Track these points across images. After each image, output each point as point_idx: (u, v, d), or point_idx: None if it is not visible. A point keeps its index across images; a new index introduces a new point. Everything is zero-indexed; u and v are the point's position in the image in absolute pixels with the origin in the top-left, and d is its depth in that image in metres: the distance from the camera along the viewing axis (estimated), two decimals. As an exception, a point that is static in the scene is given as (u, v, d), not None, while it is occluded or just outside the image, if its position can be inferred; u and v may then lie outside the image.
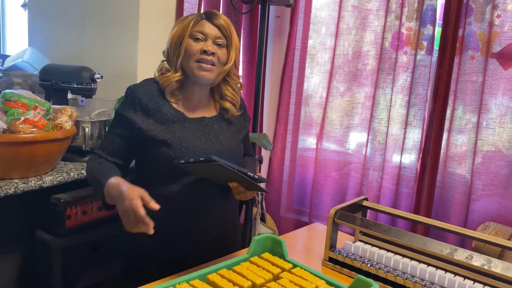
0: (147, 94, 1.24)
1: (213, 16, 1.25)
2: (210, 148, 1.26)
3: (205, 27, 1.23)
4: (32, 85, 1.96)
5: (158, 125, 1.22)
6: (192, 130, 1.25)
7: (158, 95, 1.25)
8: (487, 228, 1.79)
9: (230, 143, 1.31)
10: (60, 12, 2.28)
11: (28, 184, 1.38)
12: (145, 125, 1.21)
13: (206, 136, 1.27)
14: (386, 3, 2.13)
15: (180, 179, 1.22)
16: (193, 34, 1.23)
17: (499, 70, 1.91)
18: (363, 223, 1.24)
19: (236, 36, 1.28)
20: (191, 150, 1.22)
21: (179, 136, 1.22)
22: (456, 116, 2.00)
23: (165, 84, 1.25)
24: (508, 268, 1.01)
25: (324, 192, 2.38)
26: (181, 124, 1.24)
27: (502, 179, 1.93)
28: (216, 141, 1.28)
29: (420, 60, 2.07)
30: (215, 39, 1.23)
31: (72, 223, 1.50)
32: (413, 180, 2.13)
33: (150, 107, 1.23)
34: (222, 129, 1.31)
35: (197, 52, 1.21)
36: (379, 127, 2.20)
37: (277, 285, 1.01)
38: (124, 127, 1.23)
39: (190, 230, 1.26)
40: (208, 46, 1.21)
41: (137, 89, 1.25)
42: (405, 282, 1.13)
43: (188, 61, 1.22)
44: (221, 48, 1.24)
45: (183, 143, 1.22)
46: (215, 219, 1.30)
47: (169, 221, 1.23)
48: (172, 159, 1.19)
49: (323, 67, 2.37)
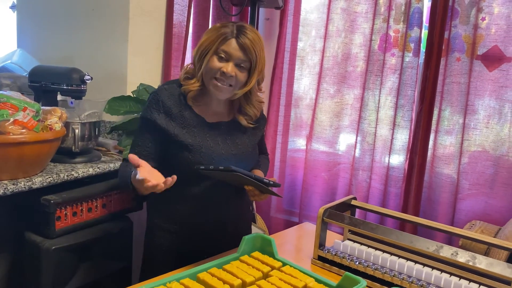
0: (170, 98, 1.29)
1: (242, 34, 1.24)
2: (228, 153, 1.33)
3: (231, 47, 1.24)
4: (21, 87, 1.95)
5: (180, 128, 1.28)
6: (211, 135, 1.32)
7: (180, 99, 1.30)
8: (474, 226, 1.82)
9: (247, 147, 1.38)
10: (49, 13, 2.27)
11: (17, 186, 1.38)
12: (169, 127, 1.28)
13: (224, 141, 1.33)
14: (374, 6, 2.16)
15: (199, 181, 1.30)
16: (218, 51, 1.24)
17: (484, 72, 1.95)
18: (351, 222, 1.26)
19: (263, 57, 1.28)
20: (210, 155, 1.29)
21: (199, 141, 1.29)
22: (442, 117, 2.03)
23: (186, 91, 1.30)
24: (492, 264, 1.04)
25: (314, 192, 2.40)
26: (201, 129, 1.31)
27: (488, 178, 1.97)
28: (233, 145, 1.35)
29: (408, 62, 2.10)
30: (238, 61, 1.25)
31: (62, 224, 1.50)
32: (401, 180, 2.16)
33: (173, 111, 1.28)
34: (239, 134, 1.37)
35: (217, 71, 1.24)
36: (368, 128, 2.22)
37: (267, 283, 1.03)
38: (152, 131, 1.29)
39: (208, 227, 1.36)
40: (228, 68, 1.23)
41: (161, 93, 1.30)
42: (393, 279, 1.15)
43: (207, 76, 1.27)
44: (243, 70, 1.26)
45: (203, 148, 1.29)
46: (232, 216, 1.40)
47: (188, 219, 1.34)
48: (191, 163, 1.26)
49: (313, 69, 2.39)
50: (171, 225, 1.34)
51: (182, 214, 1.34)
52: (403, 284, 1.13)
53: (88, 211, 1.58)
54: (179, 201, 1.33)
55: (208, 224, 1.35)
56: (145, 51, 2.13)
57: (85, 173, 1.60)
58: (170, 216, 1.35)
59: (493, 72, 1.93)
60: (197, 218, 1.34)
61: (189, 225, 1.34)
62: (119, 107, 1.83)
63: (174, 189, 1.26)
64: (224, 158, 1.31)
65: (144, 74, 2.13)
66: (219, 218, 1.37)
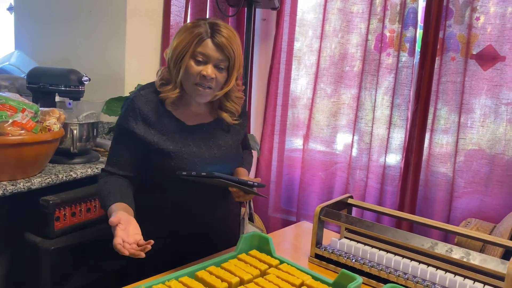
0: (148, 104, 1.24)
1: (217, 33, 1.19)
2: (211, 156, 1.28)
3: (208, 48, 1.19)
4: (19, 88, 1.96)
5: (160, 135, 1.23)
6: (193, 139, 1.27)
7: (158, 105, 1.25)
8: (469, 224, 1.84)
9: (230, 148, 1.34)
10: (47, 15, 2.28)
11: (16, 186, 1.39)
12: (147, 136, 1.23)
13: (206, 144, 1.29)
14: (370, 6, 2.17)
15: (183, 186, 1.25)
16: (195, 54, 1.19)
17: (478, 71, 1.97)
18: (347, 220, 1.27)
19: (239, 53, 1.24)
20: (192, 160, 1.25)
21: (181, 147, 1.24)
22: (438, 116, 2.05)
23: (164, 97, 1.25)
24: (486, 260, 1.05)
25: (311, 191, 2.42)
26: (182, 134, 1.26)
27: (483, 176, 1.99)
28: (216, 148, 1.30)
29: (403, 61, 2.12)
30: (217, 62, 1.20)
31: (61, 225, 1.51)
32: (397, 178, 2.17)
33: (151, 118, 1.23)
34: (222, 135, 1.33)
35: (197, 76, 1.19)
36: (365, 127, 2.24)
37: (264, 280, 1.04)
38: (129, 140, 1.24)
39: (194, 231, 1.32)
40: (208, 70, 1.19)
41: (137, 99, 1.24)
42: (389, 276, 1.17)
43: (187, 81, 1.22)
44: (221, 71, 1.22)
45: (185, 154, 1.24)
46: (218, 219, 1.36)
47: (174, 223, 1.30)
48: (173, 169, 1.21)
49: (310, 69, 2.41)
50: (158, 230, 1.25)
51: (168, 219, 1.30)
52: (399, 281, 1.15)
53: (87, 212, 1.59)
54: (164, 206, 1.29)
55: (194, 227, 1.32)
56: (142, 52, 2.15)
57: (84, 174, 1.61)
58: (157, 221, 1.29)
59: (488, 71, 1.95)
60: (183, 222, 1.30)
61: (176, 229, 1.31)
62: (117, 108, 1.84)
63: (158, 195, 1.29)
64: (207, 162, 1.27)
65: (141, 75, 2.14)
66: (205, 221, 1.33)
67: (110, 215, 1.12)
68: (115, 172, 1.25)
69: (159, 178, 1.27)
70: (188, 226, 1.31)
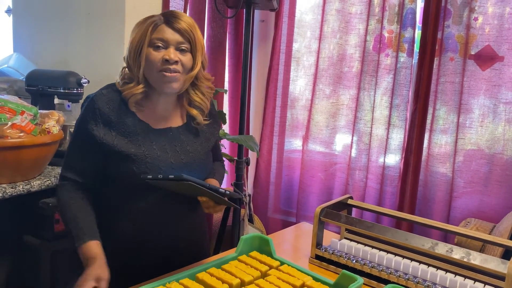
0: (109, 104, 1.15)
1: (173, 19, 1.14)
2: (178, 161, 1.18)
3: (165, 33, 1.12)
4: (18, 91, 1.96)
5: (121, 137, 1.14)
6: (157, 142, 1.17)
7: (121, 105, 1.16)
8: (469, 224, 1.84)
9: (199, 154, 1.24)
10: (45, 17, 2.28)
11: (16, 189, 1.39)
12: (107, 138, 1.13)
13: (173, 149, 1.19)
14: (368, 7, 2.18)
15: (146, 194, 1.16)
16: (152, 42, 1.12)
17: (477, 71, 1.97)
18: (347, 221, 1.27)
19: (200, 37, 1.18)
20: (157, 165, 1.15)
21: (144, 150, 1.15)
22: (437, 116, 2.05)
23: (128, 96, 1.15)
24: (486, 260, 1.05)
25: (310, 192, 2.42)
26: (146, 136, 1.16)
27: (482, 176, 1.99)
28: (183, 153, 1.20)
29: (402, 62, 2.13)
30: (178, 45, 1.13)
31: (61, 227, 1.51)
32: (397, 179, 2.18)
33: (112, 118, 1.14)
34: (190, 140, 1.23)
35: (158, 62, 1.11)
36: (364, 128, 2.24)
37: (265, 282, 1.04)
38: (87, 143, 1.15)
39: (159, 244, 1.21)
40: (170, 54, 1.11)
41: (98, 99, 1.15)
42: (389, 276, 1.17)
43: (151, 71, 1.13)
44: (185, 53, 1.14)
45: (148, 158, 1.14)
46: (184, 232, 1.25)
47: (135, 237, 1.19)
48: (136, 174, 1.12)
49: (309, 70, 2.41)
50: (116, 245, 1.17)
51: (128, 232, 1.18)
52: (400, 281, 1.15)
53: (87, 214, 1.58)
54: (124, 218, 1.18)
55: (158, 241, 1.20)
56: (141, 54, 2.14)
57: (83, 176, 1.61)
58: (115, 235, 1.18)
59: (486, 71, 1.96)
60: (145, 235, 1.19)
61: (137, 243, 1.19)
62: (116, 110, 1.84)
63: (118, 205, 1.17)
64: (173, 168, 1.16)
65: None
66: (171, 234, 1.22)
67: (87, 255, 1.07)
68: (74, 179, 1.16)
69: (119, 185, 1.16)
70: (149, 240, 1.20)
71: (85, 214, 1.14)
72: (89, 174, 1.17)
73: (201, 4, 2.35)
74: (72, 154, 1.19)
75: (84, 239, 1.08)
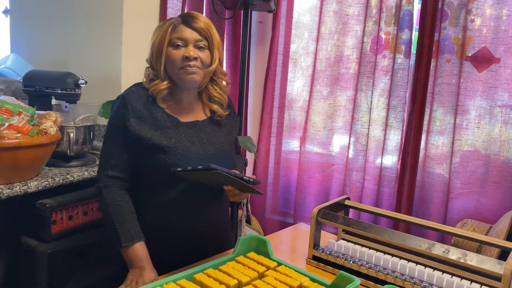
0: (139, 100, 1.23)
1: (190, 19, 1.24)
2: (205, 153, 1.27)
3: (184, 32, 1.22)
4: (15, 91, 1.95)
5: (153, 131, 1.22)
6: (186, 135, 1.26)
7: (150, 101, 1.25)
8: (465, 225, 1.84)
9: (224, 146, 1.33)
10: (43, 18, 2.28)
11: (13, 190, 1.38)
12: (142, 132, 1.21)
13: (200, 141, 1.27)
14: (365, 8, 2.19)
15: (176, 185, 1.23)
16: (172, 41, 1.22)
17: (473, 73, 1.98)
18: (345, 221, 1.28)
19: (217, 35, 1.27)
20: (187, 156, 1.23)
21: (175, 142, 1.23)
22: (434, 118, 2.06)
23: (155, 92, 1.24)
24: (483, 260, 1.06)
25: (308, 193, 2.42)
26: (176, 129, 1.25)
27: (479, 177, 2.00)
28: (210, 145, 1.29)
29: (399, 63, 2.13)
30: (196, 43, 1.22)
31: (58, 228, 1.50)
32: (394, 180, 2.18)
33: (144, 113, 1.22)
34: (215, 132, 1.32)
35: (179, 59, 1.21)
36: (361, 129, 2.25)
37: (262, 283, 1.04)
38: (124, 138, 1.22)
39: (188, 232, 1.29)
40: (189, 52, 1.21)
41: (129, 96, 1.24)
42: (386, 277, 1.17)
43: (173, 69, 1.23)
44: (203, 50, 1.24)
45: (179, 149, 1.22)
46: (211, 220, 1.33)
47: (166, 225, 1.27)
48: (168, 166, 1.19)
49: (306, 71, 2.42)
50: (148, 234, 1.24)
51: (158, 221, 1.26)
52: (397, 282, 1.15)
53: (84, 215, 1.58)
54: (155, 207, 1.26)
55: (187, 229, 1.28)
56: (139, 54, 2.14)
57: (81, 177, 1.61)
58: (146, 224, 1.25)
59: (483, 72, 1.96)
60: (175, 224, 1.27)
61: (167, 232, 1.27)
62: (114, 111, 1.84)
63: (149, 195, 1.26)
64: (202, 158, 1.24)
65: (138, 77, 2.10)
66: (198, 222, 1.29)
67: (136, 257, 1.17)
68: (117, 176, 1.23)
69: (151, 177, 1.25)
70: (178, 228, 1.27)
71: (132, 216, 1.22)
72: (129, 169, 1.25)
73: (199, 5, 2.35)
74: (111, 152, 1.24)
75: (132, 241, 1.18)
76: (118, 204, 1.21)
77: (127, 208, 1.22)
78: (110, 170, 1.23)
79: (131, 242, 1.18)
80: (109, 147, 1.25)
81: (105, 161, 1.25)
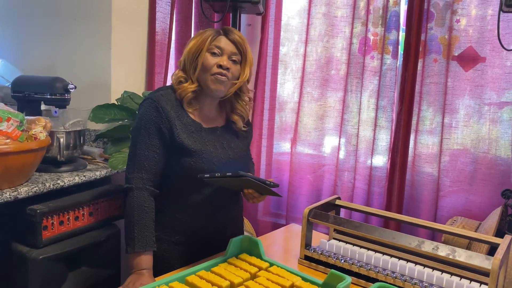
0: (168, 103, 1.29)
1: (230, 32, 1.32)
2: (226, 157, 1.34)
3: (222, 42, 1.30)
4: (4, 97, 1.94)
5: (182, 134, 1.28)
6: (209, 140, 1.32)
7: (177, 105, 1.30)
8: (455, 222, 1.87)
9: (241, 151, 1.41)
10: (31, 23, 2.27)
11: (3, 196, 1.37)
12: (173, 133, 1.27)
13: (221, 146, 1.35)
14: (353, 10, 2.21)
15: (200, 189, 1.31)
16: (211, 48, 1.29)
17: (460, 72, 2.01)
18: (335, 221, 1.29)
19: (250, 53, 1.35)
20: (210, 160, 1.30)
21: (200, 146, 1.29)
22: (422, 117, 2.09)
23: (183, 94, 1.30)
24: (471, 256, 1.08)
25: (300, 194, 2.43)
26: (199, 134, 1.31)
27: (468, 175, 2.02)
28: (229, 150, 1.36)
29: (387, 64, 2.15)
30: (230, 55, 1.30)
31: (49, 234, 1.49)
32: (384, 179, 2.20)
33: (173, 115, 1.28)
34: (233, 138, 1.40)
35: (213, 66, 1.28)
36: (351, 130, 2.27)
37: (254, 283, 1.05)
38: (156, 140, 1.27)
39: (209, 233, 1.37)
40: (223, 61, 1.28)
41: (158, 99, 1.28)
42: (377, 275, 1.18)
43: (205, 74, 1.29)
44: (235, 64, 1.31)
45: (204, 154, 1.29)
46: (230, 221, 1.43)
47: (190, 227, 1.34)
48: (193, 169, 1.26)
49: (296, 73, 2.43)
50: (171, 235, 1.33)
51: (183, 223, 1.33)
52: (388, 280, 1.16)
53: (75, 220, 1.58)
54: (179, 210, 1.33)
55: (209, 230, 1.36)
56: (128, 58, 2.14)
57: (71, 182, 1.60)
58: (170, 226, 1.33)
59: (469, 72, 1.99)
60: (198, 225, 1.34)
61: (191, 233, 1.34)
62: (104, 115, 1.83)
63: (174, 198, 1.32)
64: (223, 163, 1.32)
65: (128, 82, 2.14)
66: (219, 223, 1.38)
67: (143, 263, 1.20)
68: (150, 179, 1.27)
69: (176, 181, 1.31)
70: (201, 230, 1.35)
71: (152, 224, 1.25)
72: (160, 173, 1.29)
73: (188, 9, 2.36)
74: (142, 154, 1.27)
75: (146, 248, 1.22)
76: (144, 210, 1.25)
77: (150, 215, 1.26)
78: (144, 172, 1.26)
79: (143, 250, 1.21)
80: (141, 149, 1.27)
81: (138, 163, 1.27)
